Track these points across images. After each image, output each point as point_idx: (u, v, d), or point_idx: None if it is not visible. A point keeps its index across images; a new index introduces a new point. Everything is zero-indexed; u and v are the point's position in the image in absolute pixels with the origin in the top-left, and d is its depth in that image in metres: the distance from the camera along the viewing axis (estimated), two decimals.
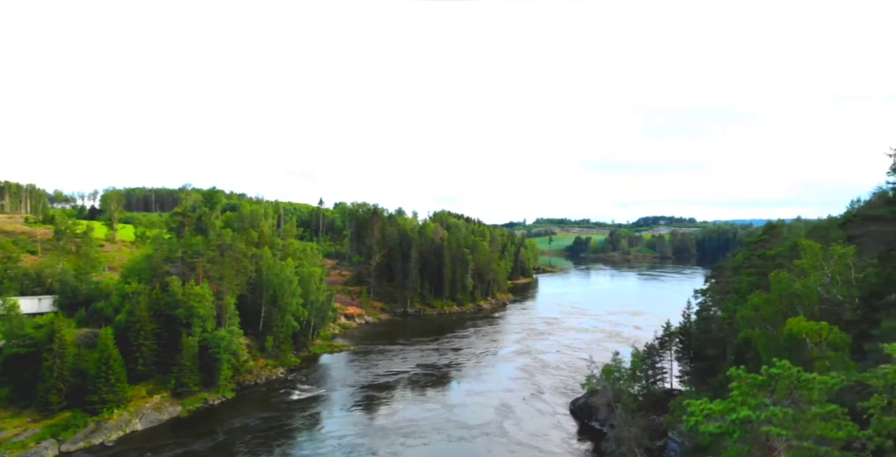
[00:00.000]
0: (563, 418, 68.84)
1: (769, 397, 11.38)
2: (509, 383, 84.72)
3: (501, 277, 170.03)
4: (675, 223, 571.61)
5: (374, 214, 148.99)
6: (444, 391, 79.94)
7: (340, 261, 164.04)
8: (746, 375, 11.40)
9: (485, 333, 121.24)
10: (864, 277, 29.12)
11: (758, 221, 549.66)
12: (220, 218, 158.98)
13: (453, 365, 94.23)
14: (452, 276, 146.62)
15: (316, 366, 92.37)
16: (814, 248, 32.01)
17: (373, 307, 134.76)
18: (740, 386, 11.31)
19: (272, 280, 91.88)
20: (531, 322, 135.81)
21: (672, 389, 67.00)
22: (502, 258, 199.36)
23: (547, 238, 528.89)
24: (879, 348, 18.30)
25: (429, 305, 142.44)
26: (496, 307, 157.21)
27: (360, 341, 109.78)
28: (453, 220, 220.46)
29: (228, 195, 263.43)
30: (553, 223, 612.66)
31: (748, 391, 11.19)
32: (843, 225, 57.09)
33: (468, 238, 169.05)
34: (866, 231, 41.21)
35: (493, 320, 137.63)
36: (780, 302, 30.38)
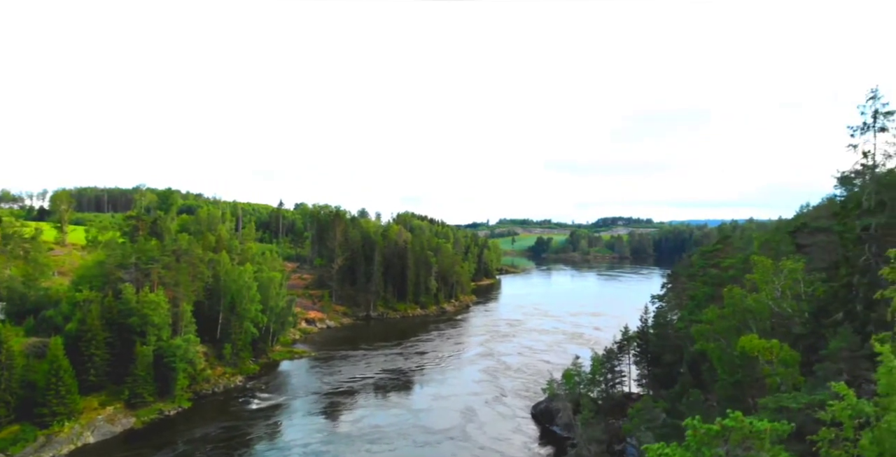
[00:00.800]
0: (525, 423, 69.55)
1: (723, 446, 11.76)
2: (473, 386, 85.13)
3: (465, 279, 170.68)
4: (633, 224, 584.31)
5: (336, 216, 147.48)
6: (409, 396, 79.81)
7: (301, 264, 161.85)
8: (701, 425, 11.72)
9: (448, 336, 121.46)
10: (812, 292, 30.41)
11: (713, 221, 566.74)
12: (175, 220, 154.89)
13: (418, 369, 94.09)
14: (416, 278, 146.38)
15: (276, 373, 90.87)
16: (765, 263, 33.22)
17: (335, 311, 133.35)
18: (695, 435, 11.65)
19: (230, 286, 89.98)
20: (494, 324, 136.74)
21: (631, 392, 68.47)
22: (466, 260, 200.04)
23: (510, 238, 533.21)
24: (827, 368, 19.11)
25: (392, 309, 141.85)
26: (460, 309, 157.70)
27: (321, 347, 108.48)
28: (417, 221, 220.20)
29: (185, 195, 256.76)
30: (516, 224, 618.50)
31: (703, 440, 11.53)
32: (792, 233, 59.45)
33: (432, 240, 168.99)
34: (814, 241, 43.01)
35: (456, 323, 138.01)
36: (733, 317, 31.45)
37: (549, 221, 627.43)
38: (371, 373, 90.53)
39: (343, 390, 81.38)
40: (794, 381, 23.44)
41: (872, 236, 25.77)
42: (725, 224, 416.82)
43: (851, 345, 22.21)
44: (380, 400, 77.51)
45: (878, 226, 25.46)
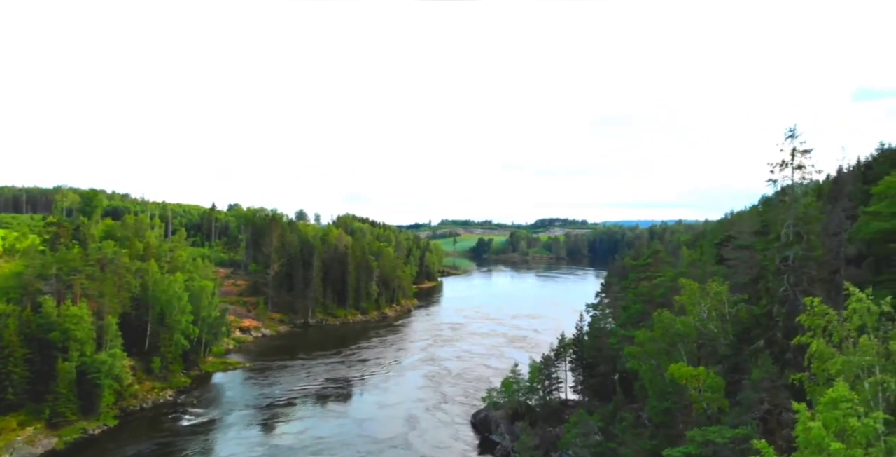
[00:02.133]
0: (465, 430, 70.12)
1: None
2: (416, 392, 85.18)
3: (406, 283, 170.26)
4: (569, 225, 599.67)
5: (272, 220, 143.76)
6: (352, 405, 79.00)
7: (235, 270, 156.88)
8: None
9: (390, 343, 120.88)
10: (735, 312, 32.23)
11: (644, 222, 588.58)
12: (100, 223, 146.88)
13: (360, 377, 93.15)
14: (357, 284, 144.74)
15: (209, 386, 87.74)
16: (692, 286, 34.89)
17: (271, 319, 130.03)
18: None
19: (159, 297, 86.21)
20: (436, 328, 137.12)
21: (567, 399, 70.16)
22: (407, 263, 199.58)
23: (451, 239, 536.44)
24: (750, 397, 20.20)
25: (331, 315, 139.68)
26: (401, 314, 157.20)
27: (257, 357, 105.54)
28: (358, 224, 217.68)
29: (110, 196, 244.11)
30: (457, 225, 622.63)
31: None
32: (718, 244, 62.75)
33: (373, 244, 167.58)
34: (737, 256, 45.51)
35: (398, 328, 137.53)
36: (663, 339, 32.85)
37: (490, 222, 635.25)
38: (311, 383, 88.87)
39: (282, 401, 79.48)
40: (719, 404, 24.81)
41: (790, 267, 27.60)
42: (656, 225, 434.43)
43: (772, 375, 23.69)
44: (322, 410, 76.31)
45: (795, 258, 27.29)
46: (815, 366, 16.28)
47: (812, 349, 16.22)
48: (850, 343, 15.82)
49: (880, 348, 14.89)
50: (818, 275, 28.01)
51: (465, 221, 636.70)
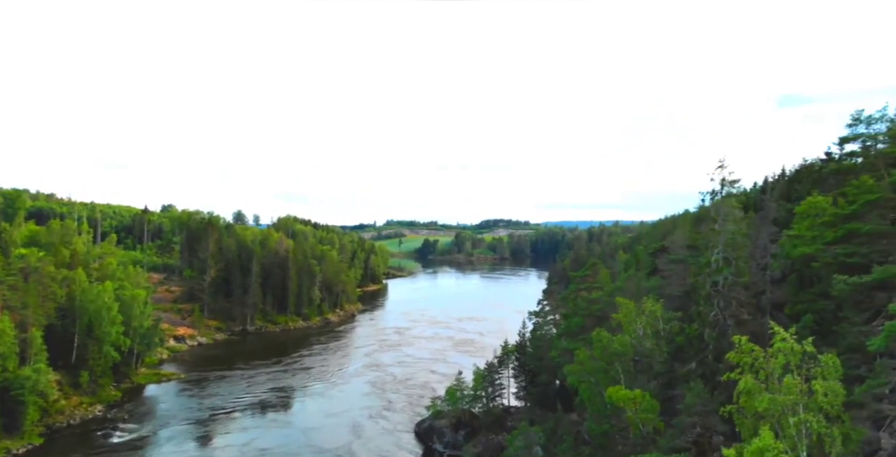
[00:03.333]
0: (409, 440, 69.86)
1: None
2: (361, 400, 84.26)
3: (350, 287, 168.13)
4: (513, 226, 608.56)
5: (209, 224, 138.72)
6: (296, 414, 77.33)
7: (169, 275, 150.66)
8: None
9: (334, 349, 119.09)
10: (669, 329, 33.46)
11: (584, 222, 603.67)
12: (23, 226, 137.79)
13: (303, 386, 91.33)
14: (298, 289, 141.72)
15: (141, 400, 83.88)
16: (629, 305, 35.99)
17: (207, 327, 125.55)
18: None
19: (87, 307, 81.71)
20: (381, 333, 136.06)
21: (510, 406, 70.98)
22: (352, 266, 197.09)
23: (397, 240, 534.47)
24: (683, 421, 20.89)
25: (271, 322, 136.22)
26: (345, 319, 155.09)
27: (193, 367, 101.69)
28: (299, 226, 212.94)
29: (34, 196, 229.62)
30: (403, 225, 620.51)
31: None
32: (653, 254, 65.06)
33: (316, 248, 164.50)
34: (671, 270, 47.29)
35: (341, 334, 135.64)
36: (601, 358, 33.76)
37: (436, 223, 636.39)
38: (252, 393, 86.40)
39: (221, 413, 76.87)
40: (654, 425, 25.70)
41: (720, 292, 28.92)
42: (594, 227, 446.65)
43: (703, 400, 24.72)
44: (265, 421, 74.33)
45: (724, 283, 28.61)
46: (744, 401, 17.00)
47: (741, 387, 16.93)
48: (776, 379, 16.58)
49: (803, 386, 15.67)
50: (745, 299, 29.48)
51: (411, 222, 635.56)
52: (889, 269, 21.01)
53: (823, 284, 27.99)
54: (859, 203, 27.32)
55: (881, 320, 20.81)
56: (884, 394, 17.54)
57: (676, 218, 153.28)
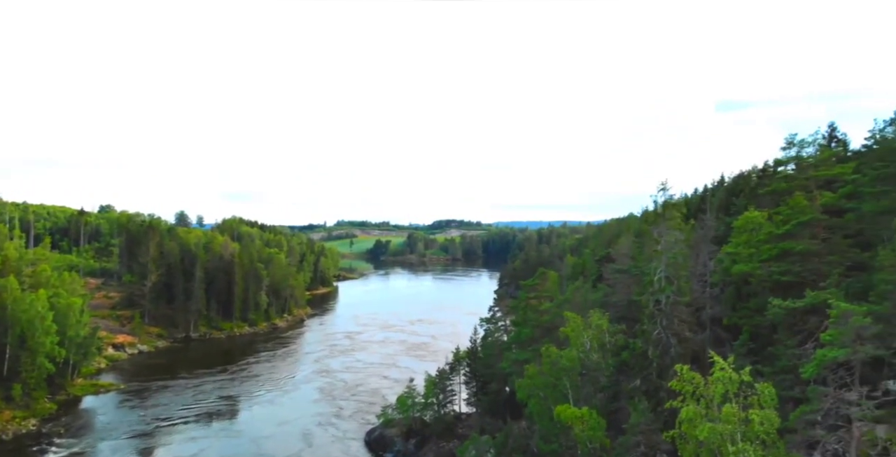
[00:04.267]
0: (359, 448, 69.11)
1: None
2: (311, 407, 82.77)
3: (299, 291, 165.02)
4: (465, 226, 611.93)
5: (149, 228, 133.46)
6: (245, 423, 75.11)
7: (107, 280, 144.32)
8: None
9: (282, 355, 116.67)
10: (615, 342, 34.25)
11: (534, 223, 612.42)
12: None
13: (250, 394, 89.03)
14: (244, 294, 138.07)
15: (78, 412, 79.88)
16: (576, 320, 36.64)
17: (148, 334, 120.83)
18: None
19: (19, 317, 77.30)
20: (331, 338, 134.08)
21: (461, 413, 71.09)
22: (300, 270, 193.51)
23: (348, 241, 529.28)
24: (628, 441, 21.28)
25: (216, 328, 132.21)
26: (293, 325, 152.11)
27: (133, 376, 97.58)
28: (246, 228, 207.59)
29: None
30: (354, 226, 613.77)
31: None
32: (599, 261, 66.58)
33: (262, 251, 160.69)
34: (616, 278, 48.47)
35: (290, 340, 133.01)
36: (550, 374, 34.24)
37: (388, 223, 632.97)
38: (198, 402, 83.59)
39: (166, 424, 73.95)
40: (601, 442, 26.27)
41: (663, 311, 29.78)
42: (543, 228, 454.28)
43: (647, 419, 25.37)
44: (212, 431, 72.01)
45: (666, 302, 29.47)
46: (686, 428, 17.45)
47: (682, 416, 17.37)
48: (716, 407, 17.09)
49: (741, 414, 16.19)
50: (687, 317, 30.48)
51: (363, 222, 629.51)
52: (820, 295, 22.01)
53: (760, 300, 29.26)
54: (792, 224, 28.62)
55: (813, 344, 21.81)
56: (816, 420, 18.37)
57: (622, 221, 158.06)
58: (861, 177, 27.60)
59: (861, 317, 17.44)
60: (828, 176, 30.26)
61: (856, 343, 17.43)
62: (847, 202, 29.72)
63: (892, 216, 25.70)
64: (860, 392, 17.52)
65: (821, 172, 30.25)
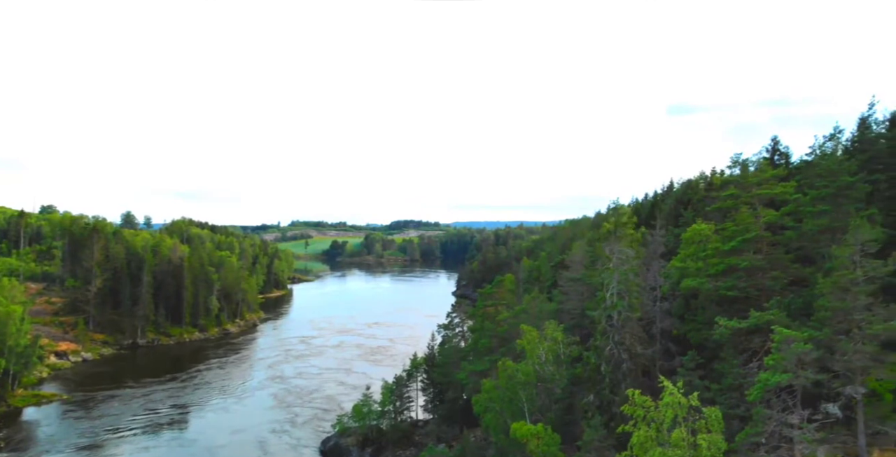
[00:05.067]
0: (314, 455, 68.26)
1: None
2: (266, 414, 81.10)
3: (251, 295, 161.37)
4: (423, 227, 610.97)
5: (94, 231, 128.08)
6: (197, 432, 73.14)
7: (49, 284, 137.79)
8: None
9: (235, 362, 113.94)
10: (569, 353, 34.78)
11: (491, 223, 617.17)
12: None
13: (202, 402, 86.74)
14: (194, 299, 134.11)
15: (18, 425, 76.08)
16: (532, 333, 37.05)
17: (93, 341, 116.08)
18: None
19: None
20: (285, 343, 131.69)
21: (418, 420, 70.83)
22: (253, 273, 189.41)
23: (303, 242, 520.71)
24: None
25: (165, 334, 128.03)
26: (246, 330, 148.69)
27: (77, 386, 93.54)
28: (196, 230, 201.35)
29: None
30: (310, 226, 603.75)
31: None
32: (554, 267, 67.53)
33: (213, 254, 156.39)
34: (570, 286, 49.30)
35: (242, 345, 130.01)
36: (507, 388, 34.52)
37: (345, 224, 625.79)
38: (147, 411, 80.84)
39: (114, 436, 71.12)
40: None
41: (615, 327, 30.38)
42: (500, 228, 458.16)
43: (600, 436, 25.85)
44: (163, 441, 69.79)
45: (618, 318, 30.10)
46: (637, 452, 17.81)
47: (634, 440, 17.73)
48: (666, 430, 17.51)
49: (690, 439, 16.63)
50: (638, 332, 31.20)
51: (318, 222, 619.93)
52: (763, 316, 22.87)
53: (708, 313, 30.23)
54: (737, 240, 29.68)
55: (757, 363, 22.67)
56: (760, 441, 19.08)
57: (576, 224, 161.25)
58: (802, 196, 28.88)
59: (802, 343, 18.21)
60: (771, 195, 31.49)
61: (797, 368, 18.17)
62: (789, 220, 31.03)
63: (831, 234, 27.01)
64: (801, 415, 18.33)
65: (764, 190, 31.43)
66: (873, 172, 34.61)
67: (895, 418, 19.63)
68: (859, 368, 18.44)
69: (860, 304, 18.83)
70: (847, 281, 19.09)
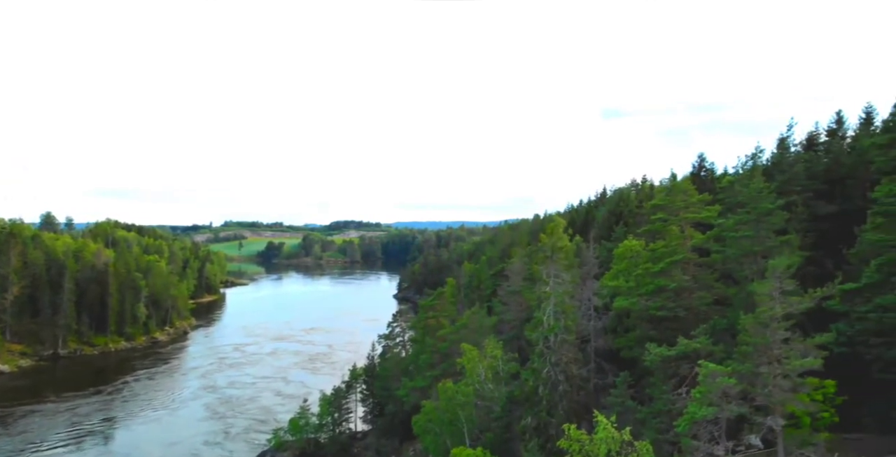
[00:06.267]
0: None
1: None
2: (199, 426, 78.27)
3: (182, 301, 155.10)
4: (364, 227, 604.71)
5: (10, 235, 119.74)
6: (128, 447, 69.86)
7: None
8: None
9: (165, 372, 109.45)
10: (508, 370, 35.37)
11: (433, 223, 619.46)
12: None
13: (132, 414, 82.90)
14: (120, 307, 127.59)
15: None
16: (472, 352, 37.40)
17: (9, 352, 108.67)
18: None
19: None
20: (218, 352, 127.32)
21: (357, 431, 70.02)
22: (183, 277, 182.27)
23: (237, 243, 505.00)
24: None
25: (88, 344, 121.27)
26: (176, 338, 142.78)
27: None
28: (122, 232, 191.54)
29: None
30: (244, 226, 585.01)
31: None
32: (494, 276, 68.45)
33: (141, 259, 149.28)
34: (510, 298, 50.10)
35: (172, 354, 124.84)
36: (446, 410, 34.67)
37: (281, 224, 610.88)
38: (72, 426, 76.47)
39: (35, 453, 67.04)
40: None
41: (551, 350, 31.15)
42: (442, 229, 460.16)
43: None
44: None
45: (555, 341, 30.85)
46: None
47: None
48: None
49: None
50: (574, 355, 32.13)
51: (253, 223, 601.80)
52: (690, 344, 24.02)
53: (640, 332, 31.46)
54: (666, 262, 31.05)
55: (686, 388, 23.78)
56: None
57: (515, 228, 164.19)
58: (725, 221, 30.55)
59: (726, 377, 19.27)
60: (696, 219, 33.21)
61: (722, 401, 19.17)
62: (714, 244, 32.75)
63: (753, 257, 28.69)
64: (726, 447, 19.40)
65: (690, 215, 33.05)
66: (790, 194, 37.01)
67: (815, 439, 21.08)
68: (779, 400, 19.64)
69: (778, 338, 20.08)
70: (767, 317, 20.31)
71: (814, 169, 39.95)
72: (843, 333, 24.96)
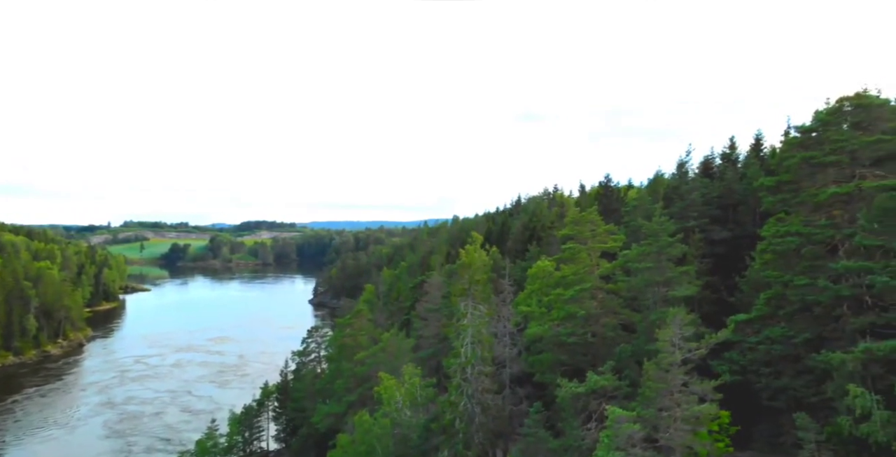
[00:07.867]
0: None
1: None
2: (98, 445, 74.31)
3: (76, 311, 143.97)
4: (277, 228, 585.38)
5: None
6: None
7: None
8: None
9: (59, 388, 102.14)
10: (426, 395, 35.62)
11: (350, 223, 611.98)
12: None
13: (24, 435, 77.32)
14: (7, 319, 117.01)
15: None
16: (389, 380, 37.34)
17: None
18: None
19: None
20: (117, 365, 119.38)
21: (269, 451, 67.98)
22: (79, 284, 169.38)
23: (138, 245, 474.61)
24: None
25: None
26: (70, 351, 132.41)
27: None
28: (9, 236, 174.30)
29: None
30: (145, 227, 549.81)
31: None
32: (413, 289, 68.54)
33: (31, 267, 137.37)
34: (428, 313, 50.41)
35: (67, 369, 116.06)
36: (363, 443, 34.43)
37: (187, 224, 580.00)
38: None
39: None
40: None
41: (468, 381, 31.77)
42: (360, 231, 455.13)
43: None
44: None
45: (472, 373, 31.50)
46: None
47: None
48: None
49: None
50: (490, 386, 32.93)
51: (156, 223, 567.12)
52: (599, 380, 25.29)
53: (551, 356, 32.69)
54: (576, 289, 32.51)
55: (594, 424, 24.98)
56: None
57: (434, 232, 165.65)
58: (629, 252, 32.41)
59: (631, 423, 20.47)
60: (603, 249, 35.07)
61: (629, 446, 20.35)
62: (619, 273, 34.63)
63: (655, 286, 30.64)
64: None
65: (597, 245, 34.85)
66: (688, 220, 39.73)
67: None
68: (679, 443, 21.12)
69: (678, 382, 21.59)
70: (667, 363, 21.78)
71: (709, 195, 43.13)
72: (735, 362, 27.21)
